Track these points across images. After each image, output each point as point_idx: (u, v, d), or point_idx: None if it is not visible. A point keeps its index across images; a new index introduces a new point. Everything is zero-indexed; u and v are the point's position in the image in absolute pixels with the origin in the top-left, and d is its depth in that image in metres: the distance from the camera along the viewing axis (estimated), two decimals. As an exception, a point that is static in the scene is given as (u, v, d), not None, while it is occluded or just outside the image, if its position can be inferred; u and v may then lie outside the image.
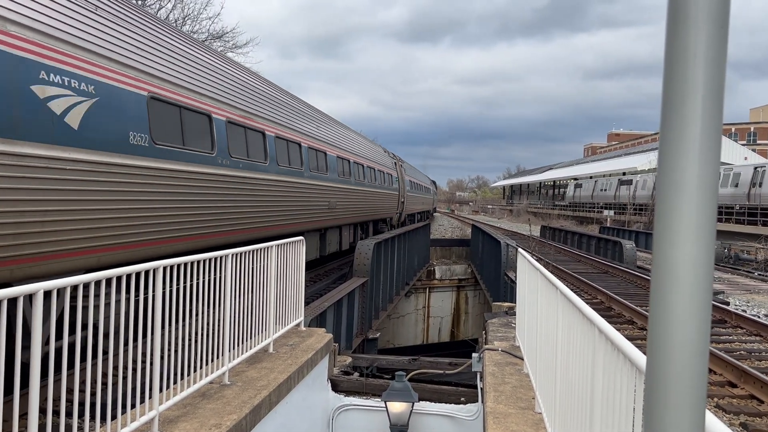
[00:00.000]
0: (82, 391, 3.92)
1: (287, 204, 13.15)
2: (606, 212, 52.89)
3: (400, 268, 21.88)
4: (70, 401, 3.74)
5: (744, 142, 77.63)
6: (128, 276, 4.36)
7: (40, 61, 5.93)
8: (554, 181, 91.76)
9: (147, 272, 4.60)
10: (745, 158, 56.55)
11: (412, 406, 8.29)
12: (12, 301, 3.30)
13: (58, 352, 3.60)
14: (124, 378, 4.41)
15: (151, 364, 4.68)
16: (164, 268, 4.79)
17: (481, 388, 7.72)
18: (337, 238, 17.85)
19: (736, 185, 37.67)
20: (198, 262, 5.42)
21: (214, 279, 5.68)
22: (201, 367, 5.49)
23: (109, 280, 4.12)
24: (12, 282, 5.41)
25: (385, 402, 8.29)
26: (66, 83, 6.25)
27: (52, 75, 6.06)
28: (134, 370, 4.68)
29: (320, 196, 15.56)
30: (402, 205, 27.48)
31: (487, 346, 8.30)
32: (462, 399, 8.84)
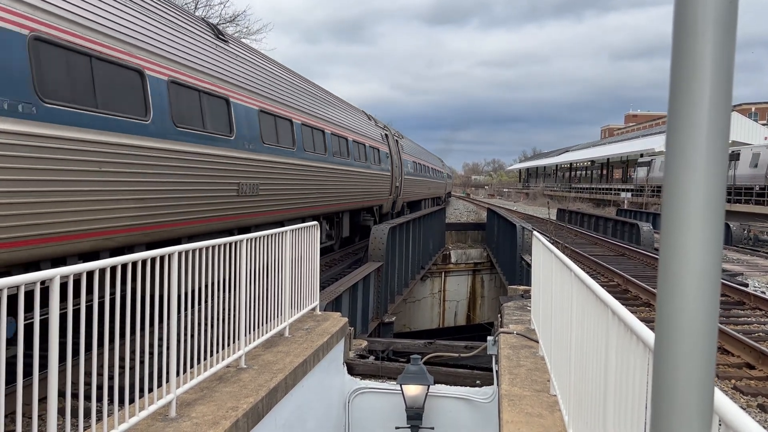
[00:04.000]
0: (100, 374, 3.98)
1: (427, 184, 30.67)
2: (623, 194, 52.42)
3: (415, 252, 21.89)
4: (88, 384, 3.81)
5: (764, 122, 76.35)
6: (143, 261, 4.40)
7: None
8: (571, 164, 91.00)
9: (162, 258, 4.64)
10: (765, 138, 55.66)
11: (428, 389, 8.32)
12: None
13: (76, 336, 3.65)
14: (142, 362, 4.47)
15: (168, 348, 4.73)
16: (179, 254, 4.83)
17: (497, 371, 7.73)
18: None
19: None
20: (213, 247, 5.45)
21: (230, 264, 5.71)
22: (218, 351, 5.55)
23: (124, 266, 4.16)
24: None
25: (400, 385, 8.34)
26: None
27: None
28: (151, 354, 4.74)
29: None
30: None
31: (502, 330, 8.30)
32: (477, 382, 8.87)
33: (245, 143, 10.42)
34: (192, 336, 5.12)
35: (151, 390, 4.55)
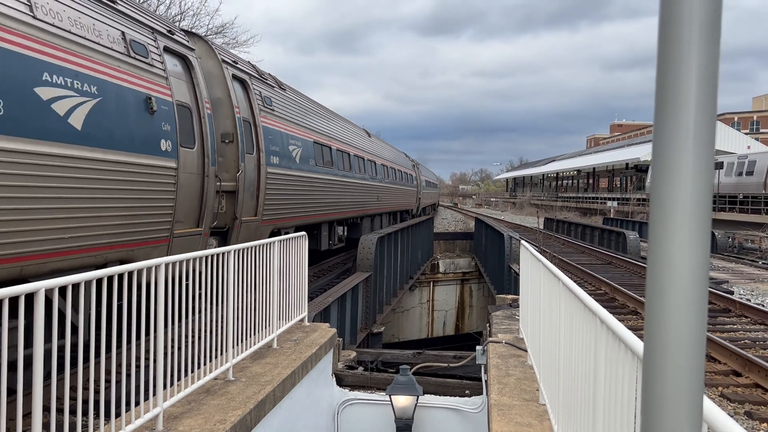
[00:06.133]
0: (86, 389, 3.93)
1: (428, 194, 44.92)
2: (610, 203, 52.78)
3: (403, 262, 21.89)
4: (74, 399, 3.76)
5: (747, 131, 77.34)
6: (130, 273, 4.36)
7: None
8: (557, 173, 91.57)
9: (149, 269, 4.61)
10: (748, 147, 56.32)
11: (417, 400, 8.30)
12: (14, 300, 3.30)
13: (61, 350, 3.61)
14: (128, 375, 4.43)
15: (155, 361, 4.69)
16: (166, 265, 4.79)
17: (486, 381, 7.72)
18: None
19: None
20: (199, 258, 5.42)
21: (217, 275, 5.68)
22: (205, 364, 5.50)
23: (110, 278, 4.13)
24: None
25: (389, 396, 8.30)
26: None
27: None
28: (138, 367, 4.69)
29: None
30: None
31: (491, 339, 8.30)
32: (466, 392, 8.85)
33: (378, 178, 24.16)
34: (179, 348, 5.08)
35: (137, 403, 4.50)
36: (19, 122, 5.34)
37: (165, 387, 4.76)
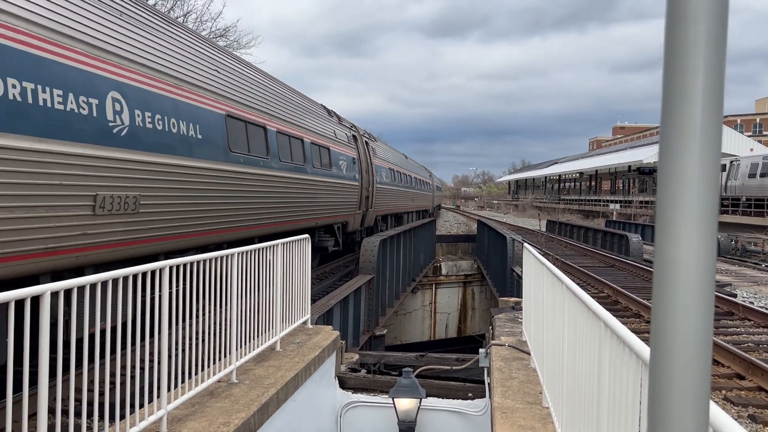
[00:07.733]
0: (90, 390, 3.94)
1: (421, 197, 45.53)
2: (612, 206, 52.74)
3: (406, 264, 21.88)
4: (78, 401, 3.77)
5: (750, 134, 77.24)
6: (134, 276, 4.37)
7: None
8: (559, 176, 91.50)
9: (153, 272, 4.62)
10: (751, 149, 56.27)
11: (420, 402, 8.30)
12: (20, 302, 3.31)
13: (66, 351, 3.62)
14: (132, 378, 4.44)
15: (159, 363, 4.70)
16: (170, 268, 4.81)
17: (489, 384, 7.72)
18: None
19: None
20: (204, 261, 5.43)
21: (221, 278, 5.69)
22: (209, 366, 5.51)
23: (116, 281, 4.14)
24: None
25: (392, 398, 8.30)
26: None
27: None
28: (142, 369, 4.70)
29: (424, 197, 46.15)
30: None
31: (494, 342, 8.30)
32: (469, 394, 8.85)
33: (412, 186, 35.94)
34: (183, 351, 5.09)
35: (141, 406, 4.51)
36: (334, 173, 17.53)
37: (169, 389, 4.77)
